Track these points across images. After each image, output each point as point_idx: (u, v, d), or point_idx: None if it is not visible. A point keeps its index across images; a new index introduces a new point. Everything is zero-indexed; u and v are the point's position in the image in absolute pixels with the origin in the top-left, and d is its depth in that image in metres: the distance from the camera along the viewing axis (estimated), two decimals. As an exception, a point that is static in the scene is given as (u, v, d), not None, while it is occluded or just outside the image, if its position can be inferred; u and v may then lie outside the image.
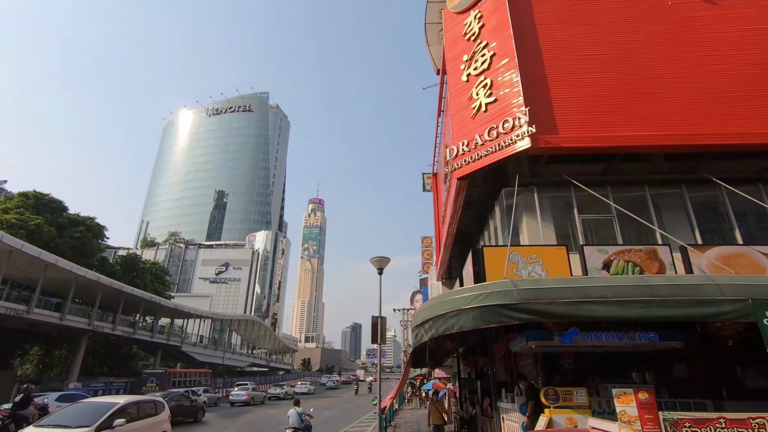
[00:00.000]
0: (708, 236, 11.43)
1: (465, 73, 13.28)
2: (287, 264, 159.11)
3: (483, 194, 14.60)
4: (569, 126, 11.13)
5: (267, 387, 49.79)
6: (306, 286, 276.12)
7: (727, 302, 6.35)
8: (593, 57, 12.05)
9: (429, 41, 19.81)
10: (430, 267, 37.26)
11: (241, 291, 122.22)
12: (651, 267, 9.59)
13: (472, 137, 11.97)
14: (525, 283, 7.02)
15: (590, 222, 11.71)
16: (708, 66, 11.64)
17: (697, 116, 10.98)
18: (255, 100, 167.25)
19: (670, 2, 12.60)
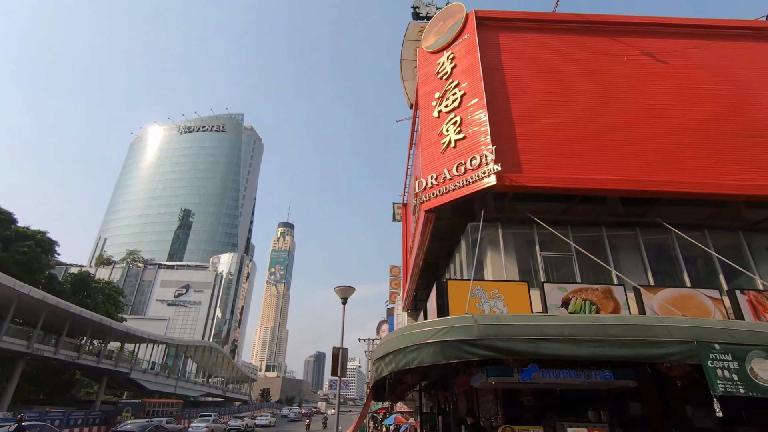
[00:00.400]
0: (659, 278, 11.97)
1: (436, 109, 13.73)
2: (252, 288, 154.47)
3: (450, 227, 14.84)
4: (533, 166, 11.62)
5: (227, 418, 47.28)
6: (270, 312, 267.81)
7: (675, 344, 6.61)
8: (556, 103, 12.76)
9: (404, 76, 20.49)
10: (397, 297, 37.07)
11: (200, 315, 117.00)
12: (607, 306, 9.90)
13: (441, 171, 12.26)
14: (485, 319, 7.08)
15: (551, 259, 12.07)
16: (659, 118, 12.55)
17: (649, 164, 11.72)
18: (229, 121, 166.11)
19: (626, 59, 13.62)
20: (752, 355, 6.44)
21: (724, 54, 13.97)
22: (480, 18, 14.29)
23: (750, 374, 6.33)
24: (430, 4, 22.99)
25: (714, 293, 10.23)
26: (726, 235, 12.55)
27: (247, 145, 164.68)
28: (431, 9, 22.44)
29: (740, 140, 12.36)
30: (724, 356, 6.45)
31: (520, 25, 14.52)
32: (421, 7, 22.75)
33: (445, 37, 14.78)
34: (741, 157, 12.03)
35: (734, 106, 12.95)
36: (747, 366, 6.38)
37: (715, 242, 12.19)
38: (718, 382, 6.28)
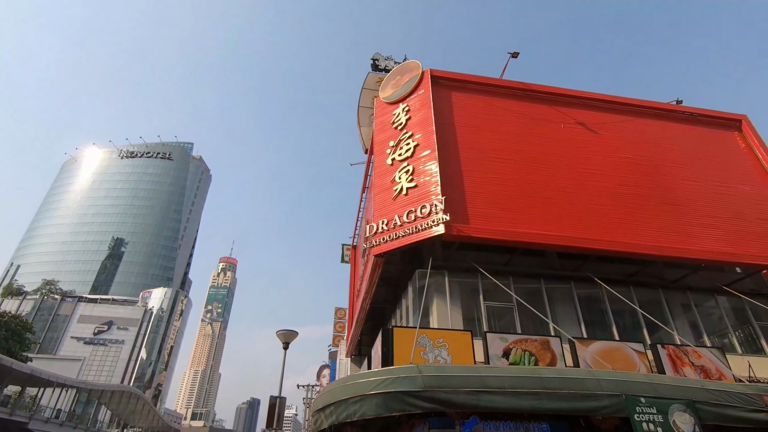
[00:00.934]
0: (591, 329, 12.66)
1: (390, 157, 14.18)
2: (184, 327, 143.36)
3: (399, 273, 14.94)
4: (479, 218, 12.18)
5: None
6: (202, 354, 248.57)
7: (606, 397, 6.93)
8: (501, 159, 13.69)
9: (360, 122, 21.13)
10: (341, 341, 35.99)
11: (122, 355, 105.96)
12: (545, 357, 10.25)
13: (392, 217, 12.49)
14: (430, 369, 7.06)
15: (493, 309, 12.43)
16: (590, 181, 13.79)
17: (581, 222, 12.71)
18: (177, 149, 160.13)
19: (563, 126, 15.04)
20: (674, 408, 6.88)
21: (644, 129, 15.85)
22: (435, 77, 15.29)
23: (673, 427, 6.73)
24: (388, 58, 24.27)
25: (639, 347, 10.95)
26: (648, 291, 13.67)
27: (194, 175, 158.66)
28: (390, 63, 23.69)
29: (657, 206, 13.81)
30: (649, 409, 6.83)
31: (471, 86, 15.69)
32: (380, 60, 23.96)
33: (402, 90, 15.59)
34: (658, 222, 13.39)
35: (652, 175, 14.56)
36: (670, 419, 6.79)
37: (639, 297, 13.21)
38: (644, 436, 6.60)
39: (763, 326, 13.62)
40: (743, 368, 11.94)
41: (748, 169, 15.99)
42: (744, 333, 13.92)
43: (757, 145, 16.52)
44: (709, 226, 13.79)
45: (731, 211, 14.41)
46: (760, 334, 13.39)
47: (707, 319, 13.97)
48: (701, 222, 13.83)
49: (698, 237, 13.42)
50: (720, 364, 10.87)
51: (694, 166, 15.26)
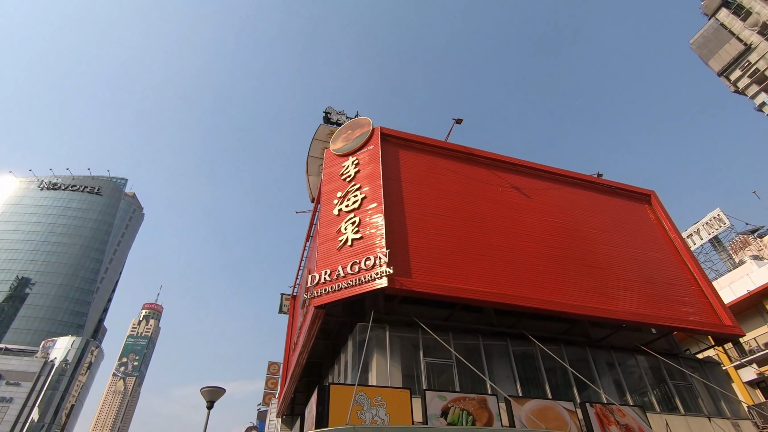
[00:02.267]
0: (526, 386, 12.90)
1: (337, 207, 14.29)
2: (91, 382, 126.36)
3: (339, 325, 14.56)
4: (421, 272, 12.40)
5: None
6: (109, 414, 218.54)
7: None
8: (442, 216, 14.28)
9: (309, 171, 21.28)
10: (273, 399, 33.49)
11: (8, 416, 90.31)
12: (482, 417, 10.21)
13: (336, 268, 12.36)
14: (366, 430, 6.74)
15: (433, 365, 12.36)
16: (523, 242, 14.68)
17: (516, 281, 13.35)
18: (108, 184, 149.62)
19: (500, 189, 16.14)
20: (601, 469, 7.03)
21: (570, 197, 17.42)
22: (384, 134, 16.00)
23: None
24: (341, 113, 25.15)
25: (569, 405, 11.29)
26: (577, 350, 14.35)
27: (124, 213, 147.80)
28: (341, 117, 24.52)
29: (582, 268, 14.92)
30: (579, 470, 6.93)
31: (417, 146, 16.56)
32: (333, 114, 24.75)
33: (353, 144, 16.08)
34: (583, 282, 14.40)
35: (577, 239, 15.84)
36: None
37: (569, 355, 13.81)
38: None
39: (676, 385, 14.67)
40: (662, 426, 12.65)
41: (657, 237, 17.92)
42: (661, 391, 14.88)
43: (663, 218, 18.69)
44: (625, 288, 15.03)
45: (644, 275, 15.89)
46: (674, 393, 14.37)
47: (629, 378, 14.81)
48: (619, 285, 15.05)
49: (617, 298, 14.54)
50: (642, 423, 11.43)
51: (612, 233, 16.85)
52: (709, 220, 42.20)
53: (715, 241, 41.89)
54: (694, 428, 13.11)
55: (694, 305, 15.77)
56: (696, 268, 17.01)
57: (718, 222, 41.15)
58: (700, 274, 16.83)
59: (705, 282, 16.56)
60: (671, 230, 18.17)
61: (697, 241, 42.41)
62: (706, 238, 41.89)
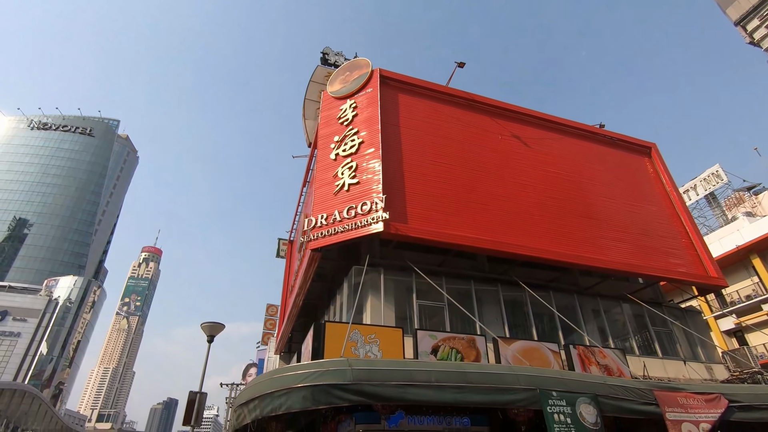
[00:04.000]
0: (514, 330, 13.45)
1: (334, 152, 14.06)
2: (96, 320, 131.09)
3: (335, 269, 14.84)
4: (417, 218, 12.46)
5: None
6: (115, 350, 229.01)
7: (522, 391, 7.40)
8: (441, 164, 14.12)
9: (306, 115, 20.72)
10: (271, 338, 34.95)
11: (17, 350, 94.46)
12: (470, 354, 10.72)
13: (332, 213, 12.39)
14: (360, 363, 7.08)
15: (425, 308, 12.77)
16: (520, 192, 14.67)
17: (510, 229, 13.48)
18: (100, 125, 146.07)
19: (500, 137, 15.86)
20: (580, 401, 7.51)
21: (570, 148, 17.18)
22: (384, 76, 15.42)
23: (579, 418, 7.35)
24: (339, 54, 24.08)
25: (554, 347, 11.83)
26: (565, 296, 14.81)
27: (118, 156, 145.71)
28: (339, 58, 23.50)
29: (577, 219, 15.03)
30: (560, 402, 7.40)
31: (417, 90, 16.02)
32: (330, 55, 23.69)
33: (350, 86, 15.53)
34: (577, 233, 14.57)
35: (575, 190, 15.82)
36: (577, 410, 7.41)
37: (557, 302, 14.27)
38: (554, 426, 7.14)
39: (657, 332, 15.33)
40: (639, 368, 13.36)
41: (654, 191, 17.94)
42: (642, 338, 15.58)
43: (662, 171, 18.60)
44: (618, 239, 15.25)
45: (638, 227, 16.07)
46: (654, 339, 15.06)
47: (613, 325, 15.43)
48: (612, 236, 15.26)
49: (609, 249, 14.79)
50: (621, 364, 12.07)
51: (610, 185, 16.82)
52: (707, 176, 42.14)
53: (711, 197, 42.07)
54: (670, 370, 13.85)
55: (683, 257, 16.12)
56: (689, 222, 17.20)
57: (716, 178, 41.10)
58: (692, 227, 17.05)
59: (696, 235, 16.81)
60: (668, 184, 18.16)
61: (693, 197, 42.60)
62: (703, 194, 42.03)
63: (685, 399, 8.42)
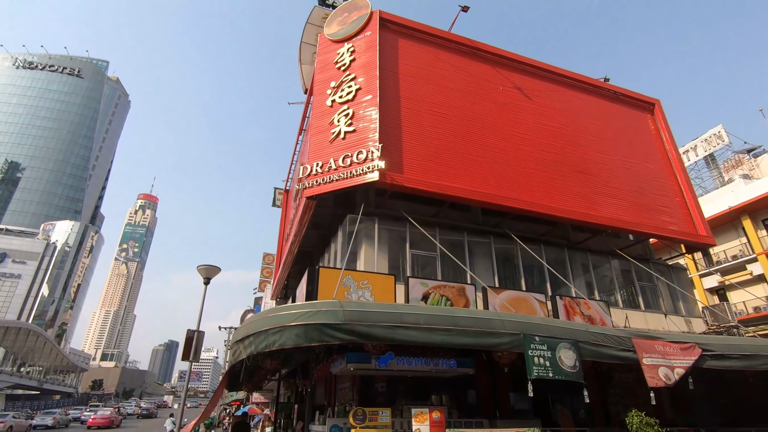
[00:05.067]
0: (504, 282, 13.81)
1: (330, 98, 13.69)
2: (94, 264, 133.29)
3: (330, 217, 14.94)
4: (413, 169, 12.38)
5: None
6: (115, 294, 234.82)
7: (507, 335, 7.73)
8: (439, 113, 13.83)
9: (302, 59, 19.91)
10: (267, 285, 35.85)
11: (19, 291, 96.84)
12: (459, 302, 11.08)
13: (327, 160, 12.27)
14: (351, 305, 7.31)
15: (419, 257, 13.01)
16: (518, 145, 14.50)
17: (506, 182, 13.47)
18: (88, 66, 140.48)
19: (501, 87, 15.42)
20: (560, 346, 7.87)
21: (571, 101, 16.79)
22: (383, 19, 14.70)
23: (558, 361, 7.74)
24: (337, -6, 22.81)
25: (541, 297, 12.24)
26: (556, 250, 15.09)
27: (109, 99, 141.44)
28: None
29: (573, 174, 14.99)
30: (541, 346, 7.75)
31: (418, 35, 15.34)
32: (329, -6, 22.45)
33: (349, 28, 14.84)
34: (572, 188, 14.60)
35: (573, 145, 15.65)
36: (557, 354, 7.78)
37: (547, 256, 14.56)
38: (534, 368, 7.53)
39: (642, 286, 15.82)
40: (622, 319, 13.92)
41: (653, 149, 17.79)
42: (627, 292, 16.09)
43: (663, 129, 18.35)
44: (613, 196, 15.32)
45: (633, 185, 16.10)
46: (638, 293, 15.56)
47: (601, 281, 15.87)
48: (608, 192, 15.31)
49: (603, 205, 14.89)
50: (604, 315, 12.55)
51: (610, 141, 16.63)
52: (709, 137, 41.65)
53: (710, 158, 41.82)
54: (651, 323, 14.44)
55: (675, 216, 16.30)
56: (684, 181, 17.22)
57: (718, 139, 40.64)
58: (687, 186, 17.10)
59: (690, 194, 16.90)
60: (668, 141, 17.98)
61: (692, 158, 42.35)
62: (703, 155, 41.73)
63: (661, 347, 8.84)
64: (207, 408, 11.89)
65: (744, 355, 9.52)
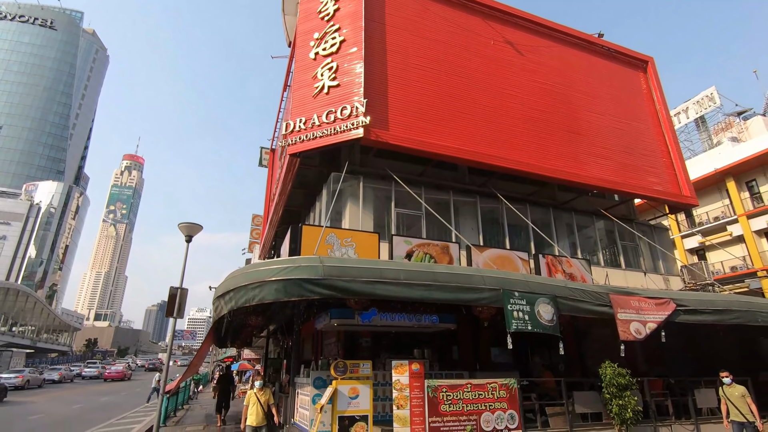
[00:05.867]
0: (488, 241, 13.90)
1: (314, 50, 13.07)
2: (81, 225, 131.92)
3: (317, 175, 14.67)
4: (398, 126, 12.07)
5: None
6: (105, 255, 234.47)
7: (487, 290, 7.82)
8: (427, 69, 13.34)
9: (285, 9, 18.88)
10: (256, 246, 35.87)
11: (6, 252, 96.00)
12: (443, 259, 11.16)
13: (311, 116, 11.88)
14: (331, 260, 7.28)
15: (404, 216, 12.96)
16: (508, 102, 14.16)
17: (494, 140, 13.25)
18: (61, 18, 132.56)
19: (492, 42, 14.86)
20: (539, 301, 8.02)
21: (564, 58, 16.32)
22: (370, -36, 13.81)
23: (536, 315, 7.90)
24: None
25: (524, 255, 12.38)
26: (541, 210, 15.14)
27: (86, 53, 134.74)
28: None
29: (563, 133, 14.80)
30: (520, 301, 7.88)
31: (407, -17, 14.51)
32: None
33: (333, -26, 13.95)
34: (560, 147, 14.45)
35: (564, 103, 15.35)
36: (535, 309, 7.94)
37: (533, 216, 14.61)
38: (513, 321, 7.68)
39: (624, 246, 16.09)
40: (602, 277, 14.21)
41: (644, 108, 17.56)
42: (609, 252, 16.38)
43: (655, 88, 18.04)
44: (601, 156, 15.24)
45: (622, 145, 15.99)
46: (620, 252, 15.84)
47: (585, 241, 16.07)
48: (596, 152, 15.20)
49: (591, 165, 14.83)
50: (585, 273, 12.79)
51: (600, 100, 16.33)
52: (701, 99, 41.34)
53: (700, 120, 41.70)
54: (630, 281, 14.80)
55: (660, 176, 16.35)
56: (672, 141, 17.16)
57: (710, 101, 40.37)
58: (674, 146, 17.06)
59: (677, 154, 16.89)
60: (659, 101, 17.74)
61: (683, 120, 42.18)
62: (694, 117, 41.56)
63: (637, 302, 9.07)
64: (193, 362, 12.10)
65: (716, 310, 9.85)
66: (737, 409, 7.28)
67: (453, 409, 7.45)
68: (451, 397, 7.51)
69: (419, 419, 7.15)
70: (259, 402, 6.41)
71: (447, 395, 7.50)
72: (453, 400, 7.50)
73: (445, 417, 7.36)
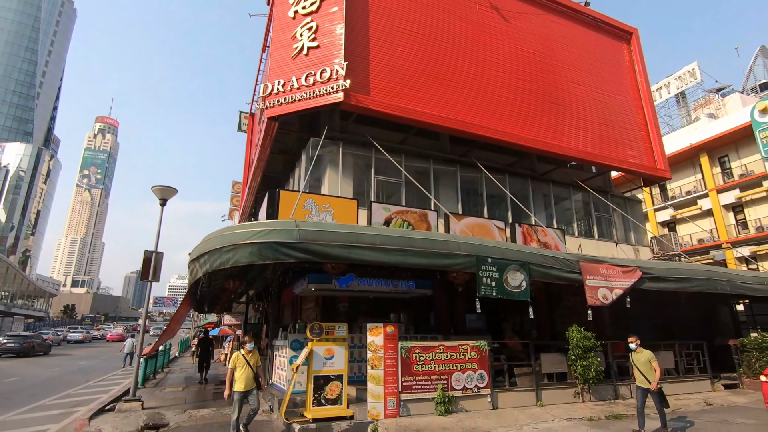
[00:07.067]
0: (467, 210, 14.05)
1: (293, 9, 12.53)
2: (53, 190, 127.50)
3: (297, 141, 14.42)
4: (380, 91, 11.83)
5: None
6: (81, 221, 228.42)
7: (461, 256, 7.97)
8: (410, 33, 12.98)
9: (264, -36, 17.90)
10: (236, 213, 35.43)
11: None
12: (421, 227, 11.26)
13: (289, 79, 11.51)
14: (306, 224, 7.26)
15: (384, 183, 12.93)
16: (491, 70, 13.98)
17: (475, 109, 13.14)
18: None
19: (478, 7, 14.49)
20: (509, 268, 8.23)
21: (549, 26, 16.07)
22: None
23: (503, 282, 8.13)
24: None
25: (501, 224, 12.59)
26: (519, 181, 15.31)
27: (51, 7, 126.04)
28: None
29: (545, 104, 14.78)
30: (491, 268, 8.08)
31: (392, -60, 13.87)
32: None
33: (313, -73, 13.20)
34: (541, 118, 14.46)
35: (547, 73, 15.25)
36: (504, 276, 8.16)
37: (512, 186, 14.78)
38: (482, 287, 7.91)
39: (598, 216, 16.51)
40: (576, 247, 14.63)
41: (624, 80, 17.61)
42: (584, 223, 16.80)
43: (638, 60, 18.04)
44: (580, 128, 15.33)
45: (601, 117, 16.10)
46: (594, 223, 16.27)
47: (562, 213, 16.39)
48: (576, 124, 15.28)
49: (570, 136, 14.93)
50: (559, 242, 13.13)
51: (583, 71, 16.28)
52: (683, 74, 41.69)
53: (680, 96, 42.20)
54: (602, 250, 15.27)
55: (637, 149, 16.61)
56: (651, 114, 17.35)
57: (691, 76, 40.76)
58: (652, 119, 17.27)
59: (654, 128, 17.14)
60: (641, 74, 17.79)
61: (664, 95, 42.61)
62: (674, 92, 41.99)
63: (606, 269, 9.41)
64: (170, 326, 12.11)
65: (679, 278, 10.32)
66: (642, 375, 7.00)
67: (425, 369, 7.73)
68: (424, 358, 7.77)
69: (392, 378, 7.41)
70: (248, 364, 6.45)
71: (420, 356, 7.76)
72: (426, 360, 7.77)
73: (417, 376, 7.64)
